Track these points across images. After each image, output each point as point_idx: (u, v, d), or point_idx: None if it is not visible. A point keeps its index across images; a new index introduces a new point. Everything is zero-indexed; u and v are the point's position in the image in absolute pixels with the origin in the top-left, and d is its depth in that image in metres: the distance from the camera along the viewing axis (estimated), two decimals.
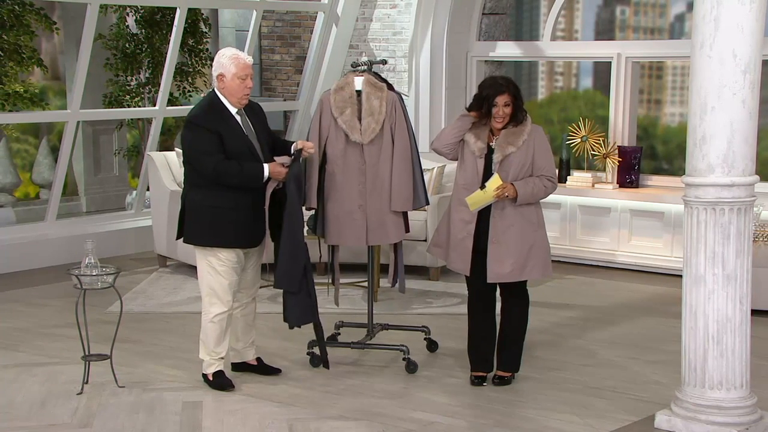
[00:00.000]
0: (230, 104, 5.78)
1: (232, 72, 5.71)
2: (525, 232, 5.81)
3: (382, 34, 10.32)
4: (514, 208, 5.78)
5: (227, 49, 5.83)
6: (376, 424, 5.39)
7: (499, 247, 5.79)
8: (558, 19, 9.93)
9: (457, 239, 5.88)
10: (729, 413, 5.11)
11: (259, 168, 5.74)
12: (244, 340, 6.12)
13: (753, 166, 5.06)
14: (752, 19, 4.92)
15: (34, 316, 7.56)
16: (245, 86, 5.73)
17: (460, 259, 5.88)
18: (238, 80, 5.71)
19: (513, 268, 5.80)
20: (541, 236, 5.88)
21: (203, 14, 11.21)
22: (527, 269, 5.84)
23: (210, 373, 5.92)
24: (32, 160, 11.65)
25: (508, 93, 5.77)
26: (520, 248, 5.79)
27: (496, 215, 5.79)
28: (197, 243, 5.85)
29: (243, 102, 5.78)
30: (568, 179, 9.49)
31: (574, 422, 5.43)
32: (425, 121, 10.10)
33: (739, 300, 5.08)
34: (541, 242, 5.87)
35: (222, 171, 5.70)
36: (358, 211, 6.18)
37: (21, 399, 5.76)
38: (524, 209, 5.80)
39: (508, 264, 5.79)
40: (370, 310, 6.54)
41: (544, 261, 5.89)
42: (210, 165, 5.70)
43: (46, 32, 10.74)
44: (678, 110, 10.07)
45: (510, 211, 5.78)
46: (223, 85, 5.75)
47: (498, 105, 5.77)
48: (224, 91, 5.76)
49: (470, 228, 5.84)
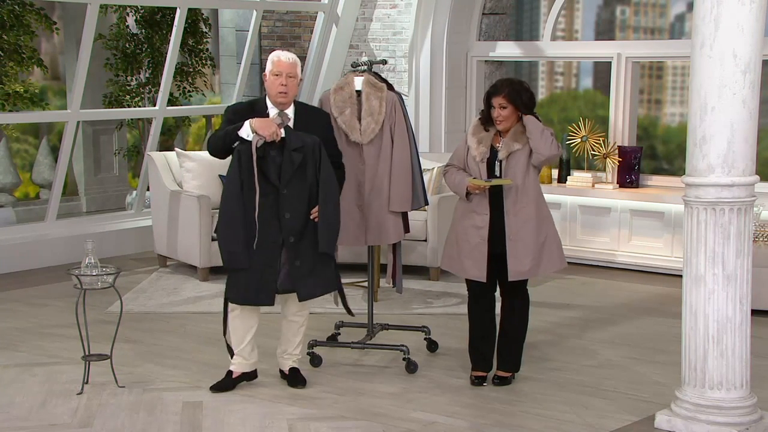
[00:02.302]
0: (272, 104, 5.78)
1: (269, 69, 5.76)
2: (539, 226, 5.83)
3: (382, 34, 10.32)
4: (528, 204, 5.78)
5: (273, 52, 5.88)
6: (376, 424, 5.39)
7: (517, 245, 5.80)
8: (558, 19, 9.93)
9: (470, 246, 5.87)
10: (729, 413, 5.11)
11: (241, 123, 5.62)
12: (281, 348, 6.03)
13: (753, 166, 5.06)
14: (752, 19, 4.92)
15: (34, 316, 7.56)
16: (279, 83, 5.70)
17: (475, 267, 5.87)
18: (272, 77, 5.73)
19: (532, 265, 5.82)
20: (553, 229, 5.92)
21: (203, 14, 11.21)
22: (543, 264, 5.86)
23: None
24: (32, 160, 11.65)
25: (502, 95, 5.78)
26: (536, 243, 5.82)
27: (510, 212, 5.80)
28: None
29: (279, 99, 5.72)
30: (568, 179, 9.50)
31: (574, 422, 5.43)
32: (425, 121, 10.10)
33: (739, 300, 5.08)
34: (553, 235, 5.91)
35: (211, 138, 5.76)
36: (357, 211, 6.19)
37: (21, 399, 5.75)
38: (538, 205, 5.81)
39: (527, 261, 5.81)
40: (370, 310, 6.54)
41: (558, 253, 5.92)
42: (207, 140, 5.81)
43: (46, 32, 10.73)
44: (678, 110, 10.07)
45: (524, 208, 5.79)
46: (266, 85, 5.79)
47: (495, 106, 5.80)
48: (267, 90, 5.79)
49: (483, 233, 5.83)
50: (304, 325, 5.97)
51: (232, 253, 5.65)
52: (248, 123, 5.58)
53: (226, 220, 5.63)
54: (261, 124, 5.57)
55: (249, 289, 5.67)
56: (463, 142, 5.98)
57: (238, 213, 5.59)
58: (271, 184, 5.60)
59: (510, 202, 5.81)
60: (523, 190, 5.80)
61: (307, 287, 5.74)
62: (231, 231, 5.63)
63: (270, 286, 5.67)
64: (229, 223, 5.63)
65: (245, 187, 5.58)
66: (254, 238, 5.60)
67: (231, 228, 5.63)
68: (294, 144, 5.59)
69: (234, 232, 5.62)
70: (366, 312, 6.61)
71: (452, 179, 5.91)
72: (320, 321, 7.02)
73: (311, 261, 5.71)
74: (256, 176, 5.56)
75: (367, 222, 6.22)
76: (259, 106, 5.79)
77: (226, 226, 5.64)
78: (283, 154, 5.59)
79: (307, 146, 5.62)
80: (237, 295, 5.72)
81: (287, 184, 5.60)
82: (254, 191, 5.57)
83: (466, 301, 6.09)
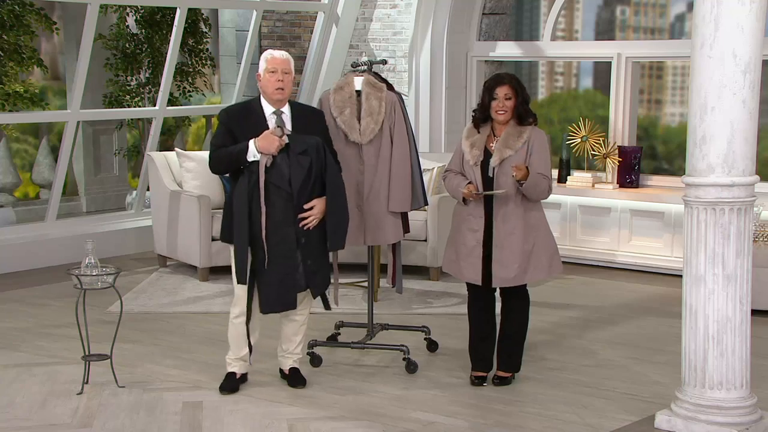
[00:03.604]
0: (268, 104, 5.76)
1: (263, 67, 5.72)
2: (527, 235, 5.80)
3: (382, 34, 10.32)
4: (516, 212, 5.77)
5: (265, 52, 5.85)
6: (376, 424, 5.39)
7: (502, 252, 5.79)
8: (558, 19, 9.93)
9: (467, 249, 5.86)
10: (729, 413, 5.11)
11: (244, 143, 5.60)
12: (283, 347, 6.02)
13: (753, 166, 5.06)
14: (752, 19, 4.92)
15: (34, 316, 7.56)
16: (275, 79, 5.67)
17: (471, 269, 5.87)
18: (268, 74, 5.69)
19: (517, 273, 5.80)
20: (543, 237, 5.87)
21: (203, 14, 11.22)
22: (529, 272, 5.84)
23: (226, 373, 5.92)
24: (32, 160, 11.65)
25: (509, 85, 5.77)
26: (523, 252, 5.79)
27: (499, 220, 5.79)
28: (222, 239, 5.84)
29: (276, 96, 5.69)
30: (568, 179, 9.50)
31: (574, 422, 5.43)
32: (425, 122, 10.10)
33: (739, 300, 5.08)
34: (543, 242, 5.86)
35: (213, 158, 5.69)
36: (356, 211, 6.18)
37: (21, 399, 5.75)
38: (525, 213, 5.80)
39: (512, 268, 5.79)
40: (370, 310, 6.54)
41: (547, 262, 5.88)
42: (209, 157, 5.74)
43: (46, 32, 10.73)
44: (678, 110, 10.07)
45: (512, 216, 5.78)
46: (260, 85, 5.76)
47: (498, 97, 5.77)
48: (262, 90, 5.76)
49: (479, 236, 5.83)
50: (305, 323, 5.97)
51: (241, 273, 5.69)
52: (252, 145, 5.57)
53: (240, 249, 5.64)
54: (265, 143, 5.56)
55: (269, 300, 5.70)
56: (458, 147, 5.97)
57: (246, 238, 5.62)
58: (282, 190, 5.61)
59: (498, 208, 5.80)
60: (513, 198, 5.78)
61: (317, 285, 5.79)
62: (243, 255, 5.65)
63: (291, 293, 5.71)
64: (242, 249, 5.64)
65: (253, 208, 5.61)
66: (263, 258, 5.62)
67: (243, 253, 5.65)
68: (299, 148, 5.61)
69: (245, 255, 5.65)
70: (366, 312, 6.60)
71: (450, 184, 5.91)
72: (320, 321, 7.02)
73: (318, 258, 5.75)
74: (262, 199, 5.58)
75: (366, 222, 6.22)
76: (254, 106, 5.77)
77: (240, 253, 5.64)
78: (289, 157, 5.60)
79: (310, 147, 5.62)
80: (261, 305, 5.75)
81: (299, 189, 5.62)
82: (260, 211, 5.60)
83: (466, 302, 6.09)
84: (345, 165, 6.09)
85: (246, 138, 5.61)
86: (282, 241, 5.63)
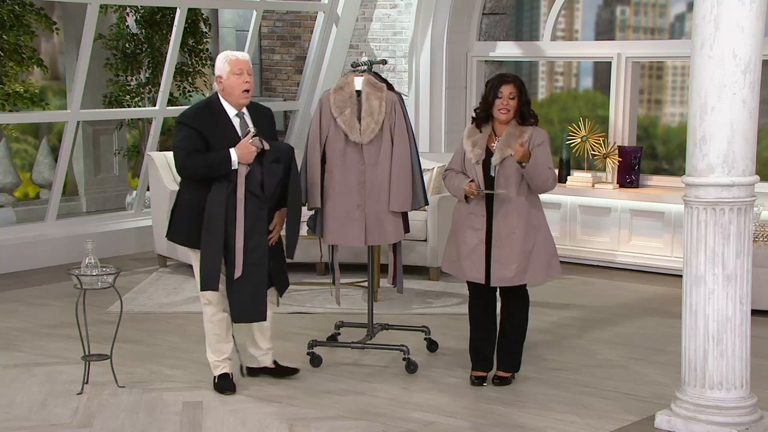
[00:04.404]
0: (230, 106, 5.73)
1: (227, 70, 5.67)
2: (527, 235, 5.80)
3: (382, 34, 10.32)
4: (517, 211, 5.77)
5: (222, 53, 5.80)
6: (376, 424, 5.39)
7: (502, 251, 5.79)
8: (558, 19, 9.93)
9: (469, 248, 5.86)
10: (729, 413, 5.11)
11: (224, 153, 5.58)
12: (258, 346, 6.03)
13: (753, 166, 5.06)
14: (752, 19, 4.92)
15: (34, 316, 7.56)
16: (242, 81, 5.65)
17: (474, 268, 5.86)
18: (234, 77, 5.66)
19: (516, 273, 5.80)
20: (542, 238, 5.87)
21: (203, 14, 11.20)
22: (529, 273, 5.84)
23: (216, 375, 5.91)
24: (32, 160, 11.65)
25: (514, 84, 5.78)
26: (523, 252, 5.79)
27: (500, 218, 5.79)
28: (182, 242, 5.83)
29: (243, 100, 5.71)
30: (568, 179, 9.50)
31: (574, 422, 5.43)
32: (425, 121, 10.10)
33: (739, 300, 5.08)
34: (542, 244, 5.86)
35: (188, 163, 5.62)
36: (357, 211, 6.18)
37: (21, 399, 5.75)
38: (527, 212, 5.80)
39: (512, 268, 5.79)
40: (370, 310, 6.54)
41: (546, 263, 5.88)
42: (179, 160, 5.65)
43: (46, 32, 10.73)
44: (678, 110, 10.07)
45: (513, 215, 5.78)
46: (222, 87, 5.71)
47: (503, 95, 5.78)
48: (223, 92, 5.72)
49: (481, 234, 5.83)
50: (271, 318, 6.02)
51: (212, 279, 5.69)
52: (234, 155, 5.57)
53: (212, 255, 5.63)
54: (244, 153, 5.58)
55: (241, 311, 5.73)
56: (459, 146, 5.97)
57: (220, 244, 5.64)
58: (255, 197, 5.63)
59: (500, 207, 5.80)
60: (515, 197, 5.79)
61: (282, 282, 5.88)
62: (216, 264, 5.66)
63: (264, 304, 5.74)
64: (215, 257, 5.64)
65: (228, 217, 5.61)
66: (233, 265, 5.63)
67: (216, 260, 5.65)
68: (273, 155, 5.66)
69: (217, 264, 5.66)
70: (366, 312, 6.60)
71: (451, 182, 5.91)
72: (320, 321, 7.02)
73: (279, 259, 5.84)
74: (241, 209, 5.60)
75: (366, 222, 6.21)
76: (216, 108, 5.73)
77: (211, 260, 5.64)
78: (263, 165, 5.63)
79: (283, 155, 5.69)
80: (234, 315, 5.77)
81: (271, 196, 5.67)
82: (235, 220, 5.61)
83: (467, 302, 6.09)
84: (346, 165, 6.11)
85: (216, 140, 5.61)
86: (255, 247, 5.66)
